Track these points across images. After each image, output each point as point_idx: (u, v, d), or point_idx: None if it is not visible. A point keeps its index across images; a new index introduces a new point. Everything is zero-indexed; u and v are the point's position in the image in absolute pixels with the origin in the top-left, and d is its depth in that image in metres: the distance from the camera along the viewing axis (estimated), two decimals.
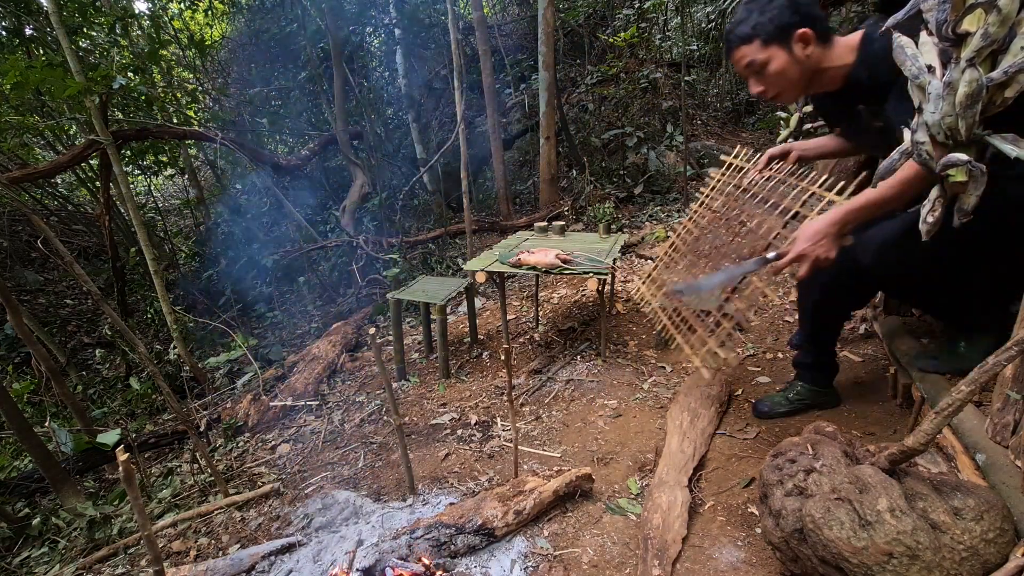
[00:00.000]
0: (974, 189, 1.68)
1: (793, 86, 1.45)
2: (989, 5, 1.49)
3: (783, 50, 1.39)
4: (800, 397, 2.03)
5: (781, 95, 1.48)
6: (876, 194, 1.29)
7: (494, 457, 2.16)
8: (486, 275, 2.82)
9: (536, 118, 6.63)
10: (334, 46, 6.13)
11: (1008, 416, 1.47)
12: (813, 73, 1.43)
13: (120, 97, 4.36)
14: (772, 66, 1.41)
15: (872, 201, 1.30)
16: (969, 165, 1.68)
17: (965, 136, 1.67)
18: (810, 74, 1.43)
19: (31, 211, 4.03)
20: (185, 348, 3.73)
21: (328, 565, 1.60)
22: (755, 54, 1.41)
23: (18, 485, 2.62)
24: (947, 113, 1.67)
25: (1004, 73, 1.53)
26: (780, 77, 1.42)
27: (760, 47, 1.40)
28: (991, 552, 1.07)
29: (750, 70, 1.43)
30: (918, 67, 1.75)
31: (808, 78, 1.44)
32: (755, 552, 1.46)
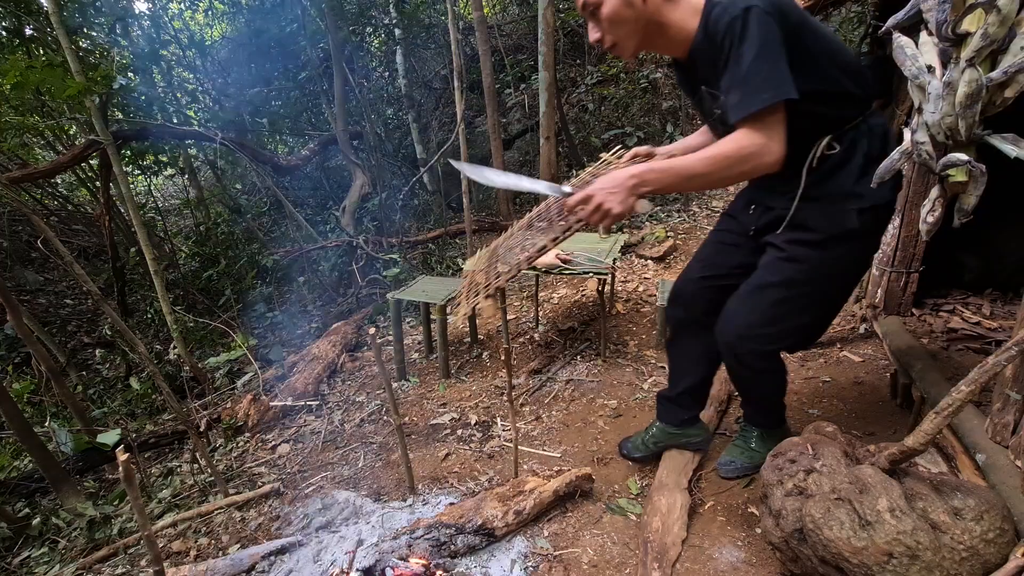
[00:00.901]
0: (974, 189, 1.68)
1: (629, 35, 1.30)
2: (989, 5, 1.49)
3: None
4: (656, 439, 1.86)
5: (618, 45, 1.33)
6: (683, 163, 1.21)
7: (494, 457, 2.16)
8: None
9: (536, 118, 6.62)
10: (334, 46, 6.12)
11: (1008, 416, 1.47)
12: (651, 25, 1.29)
13: (120, 97, 4.36)
14: (605, 7, 1.26)
15: (677, 168, 1.21)
16: (969, 165, 1.68)
17: (965, 136, 1.67)
18: (647, 25, 1.29)
19: (31, 211, 4.03)
20: (185, 348, 3.72)
21: (328, 565, 1.60)
22: None
23: (18, 485, 2.61)
24: (947, 113, 1.67)
25: (1004, 73, 1.53)
26: (614, 22, 1.28)
27: None
28: (991, 552, 1.07)
29: (587, 11, 1.31)
30: (918, 67, 1.75)
31: (645, 30, 1.29)
32: (755, 552, 1.46)
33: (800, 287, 1.38)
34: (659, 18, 1.28)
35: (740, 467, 1.72)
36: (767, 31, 1.13)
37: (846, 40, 5.71)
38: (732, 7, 1.16)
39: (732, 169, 1.19)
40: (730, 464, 1.73)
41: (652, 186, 1.21)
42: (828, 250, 1.35)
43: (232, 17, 7.66)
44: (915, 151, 1.84)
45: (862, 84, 1.34)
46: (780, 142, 1.18)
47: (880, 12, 2.39)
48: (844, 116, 1.32)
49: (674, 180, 1.22)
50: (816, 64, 1.24)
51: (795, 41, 1.18)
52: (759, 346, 1.43)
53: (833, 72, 1.27)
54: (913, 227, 2.31)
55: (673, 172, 1.21)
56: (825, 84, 1.26)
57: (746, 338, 1.42)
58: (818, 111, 1.29)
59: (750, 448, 1.72)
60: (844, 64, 1.30)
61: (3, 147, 5.32)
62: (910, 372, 2.01)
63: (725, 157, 1.18)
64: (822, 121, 1.31)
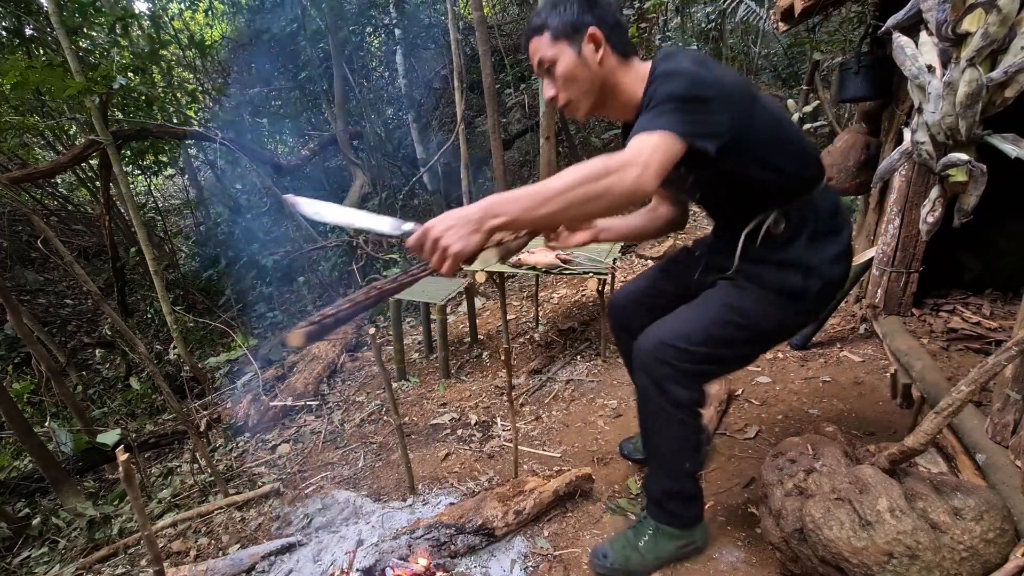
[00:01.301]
0: (974, 189, 1.68)
1: (584, 94, 1.27)
2: (989, 5, 1.49)
3: (572, 49, 1.23)
4: None
5: (572, 104, 1.29)
6: (535, 188, 1.03)
7: (494, 457, 2.16)
8: (486, 275, 2.82)
9: (536, 118, 6.62)
10: (334, 46, 6.13)
11: (1008, 416, 1.47)
12: (606, 87, 1.27)
13: (120, 97, 4.36)
14: (560, 66, 1.24)
15: (530, 189, 1.03)
16: (969, 165, 1.68)
17: (965, 136, 1.67)
18: (601, 85, 1.26)
19: (31, 211, 4.03)
20: (185, 348, 3.72)
21: (328, 565, 1.60)
22: (545, 49, 1.26)
23: (18, 485, 2.62)
24: (947, 113, 1.67)
25: (1004, 73, 1.53)
26: (569, 81, 1.25)
27: (550, 42, 1.24)
28: (991, 552, 1.07)
29: (541, 68, 1.28)
30: (918, 67, 1.75)
31: (600, 90, 1.27)
32: (755, 552, 1.46)
33: (736, 314, 1.30)
34: (612, 80, 1.26)
35: (609, 566, 1.43)
36: (697, 81, 1.08)
37: (846, 40, 5.71)
38: (668, 68, 1.14)
39: (591, 184, 1.00)
40: (603, 559, 1.44)
41: (503, 216, 0.99)
42: (771, 295, 1.30)
43: (232, 17, 7.67)
44: (915, 151, 1.85)
45: (809, 164, 1.31)
46: (654, 175, 1.02)
47: (880, 12, 2.39)
48: (790, 191, 1.28)
49: (528, 203, 1.01)
50: (760, 140, 1.20)
51: (738, 112, 1.13)
52: (677, 360, 1.29)
53: (776, 152, 1.24)
54: (913, 227, 2.31)
55: (526, 194, 1.02)
56: (770, 159, 1.23)
57: (667, 345, 1.29)
58: (759, 183, 1.26)
59: (636, 548, 1.42)
60: (789, 143, 1.27)
61: (3, 147, 5.32)
62: (910, 372, 2.01)
63: (587, 168, 1.02)
64: (766, 194, 1.28)
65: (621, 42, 1.26)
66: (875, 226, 2.62)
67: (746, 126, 1.15)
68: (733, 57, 7.97)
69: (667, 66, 1.15)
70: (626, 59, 1.27)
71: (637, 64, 1.29)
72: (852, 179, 2.72)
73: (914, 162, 1.98)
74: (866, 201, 2.85)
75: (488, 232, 1.00)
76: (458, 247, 0.98)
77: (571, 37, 1.23)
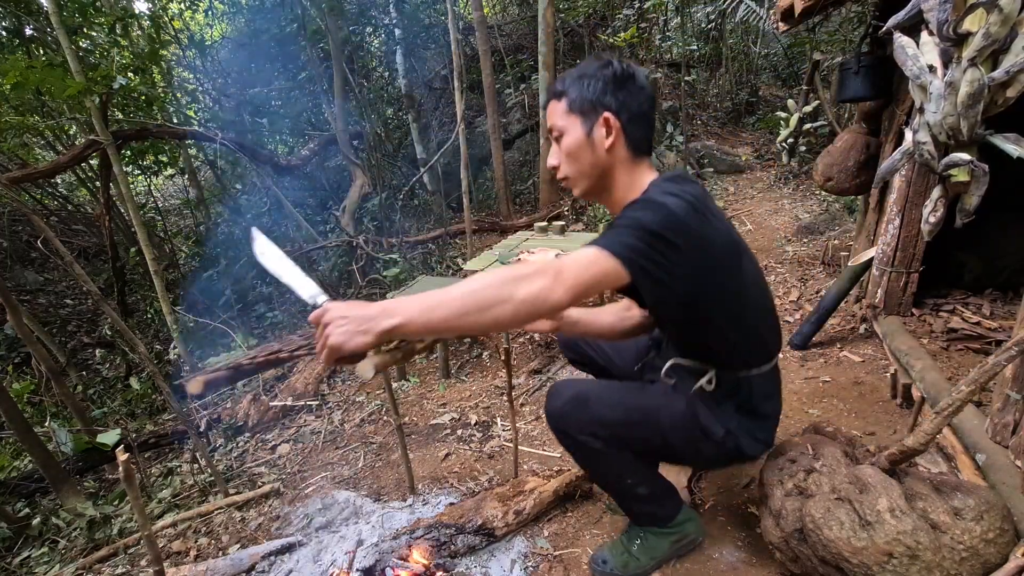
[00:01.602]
0: (976, 189, 1.68)
1: (582, 175, 1.20)
2: (990, 5, 1.49)
3: (584, 127, 1.15)
4: None
5: (570, 180, 1.23)
6: (441, 290, 0.95)
7: (494, 457, 2.16)
8: None
9: (536, 118, 6.63)
10: (334, 46, 6.12)
11: (1008, 416, 1.47)
12: (606, 177, 1.19)
13: (120, 97, 4.36)
14: (566, 139, 1.18)
15: (431, 296, 0.94)
16: (971, 165, 1.68)
17: (967, 136, 1.67)
18: (602, 173, 1.19)
19: (31, 211, 4.03)
20: (185, 348, 3.72)
21: (328, 565, 1.60)
22: (557, 117, 1.19)
23: (18, 485, 2.62)
24: (949, 113, 1.67)
25: (1006, 73, 1.53)
26: (572, 156, 1.19)
27: (565, 111, 1.18)
28: (991, 552, 1.07)
29: (552, 134, 1.22)
30: (919, 67, 1.75)
31: (599, 177, 1.19)
32: (755, 552, 1.46)
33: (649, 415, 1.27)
34: (615, 172, 1.19)
35: (609, 572, 1.43)
36: (673, 221, 1.00)
37: (846, 40, 5.71)
38: (654, 194, 1.06)
39: (497, 290, 0.93)
40: (602, 564, 1.45)
41: (398, 319, 0.91)
42: (692, 418, 1.25)
43: (232, 17, 7.67)
44: (916, 151, 1.85)
45: (758, 348, 1.24)
46: (567, 292, 0.95)
47: (880, 12, 2.38)
48: (729, 362, 1.23)
49: (427, 305, 0.93)
50: (717, 309, 1.14)
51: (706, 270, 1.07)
52: (576, 429, 1.29)
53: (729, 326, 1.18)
54: (913, 227, 2.31)
55: (429, 296, 0.94)
56: (718, 328, 1.18)
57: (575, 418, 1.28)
58: (702, 341, 1.22)
59: (631, 552, 1.43)
60: (747, 323, 1.20)
61: (3, 147, 5.32)
62: (910, 372, 2.01)
63: (500, 274, 0.96)
64: (707, 351, 1.24)
65: (639, 136, 1.17)
66: (875, 226, 2.62)
67: (708, 289, 1.10)
68: (733, 57, 7.97)
69: (659, 191, 1.07)
70: (637, 157, 1.19)
71: (644, 169, 1.20)
72: (852, 179, 2.72)
73: (914, 162, 1.98)
74: (866, 201, 2.85)
75: (379, 335, 0.91)
76: (337, 341, 0.89)
77: (586, 114, 1.16)
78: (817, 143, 5.13)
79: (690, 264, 1.04)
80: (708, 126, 7.50)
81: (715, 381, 1.23)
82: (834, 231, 4.17)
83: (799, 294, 3.27)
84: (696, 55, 7.52)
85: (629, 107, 1.14)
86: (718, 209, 1.13)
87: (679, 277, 1.04)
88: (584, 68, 1.17)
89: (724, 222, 1.13)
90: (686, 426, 1.24)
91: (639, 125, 1.17)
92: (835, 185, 2.79)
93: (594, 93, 1.14)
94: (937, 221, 1.86)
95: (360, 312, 0.92)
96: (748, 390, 1.24)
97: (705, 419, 1.23)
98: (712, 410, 1.24)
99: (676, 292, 1.08)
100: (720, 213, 1.13)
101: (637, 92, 1.15)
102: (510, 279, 0.95)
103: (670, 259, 1.01)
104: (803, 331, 2.62)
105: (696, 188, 1.09)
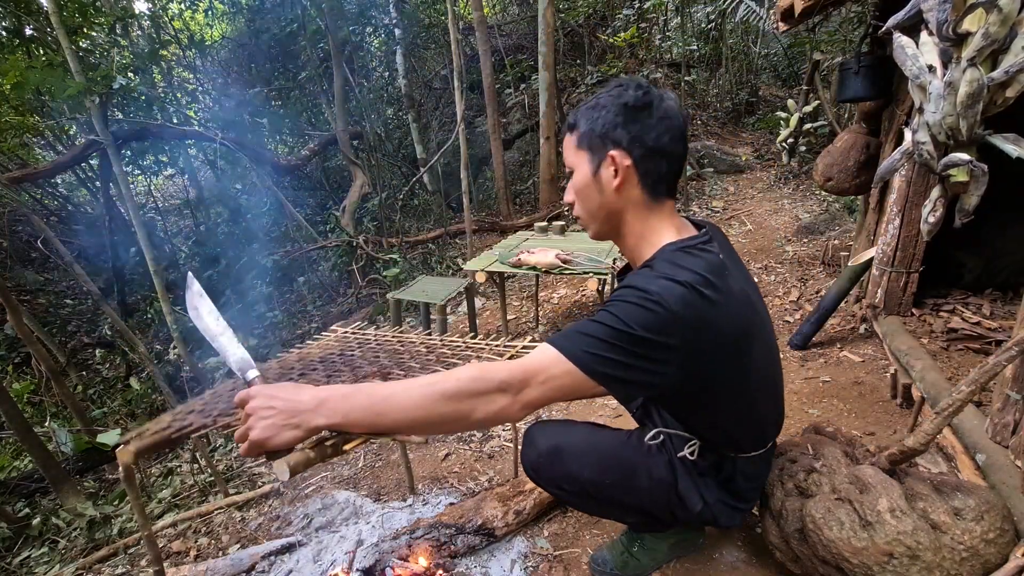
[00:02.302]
0: (975, 189, 1.68)
1: (592, 216, 1.07)
2: (990, 5, 1.49)
3: (591, 164, 1.02)
4: None
5: (581, 220, 1.10)
6: (386, 392, 0.86)
7: (494, 457, 2.16)
8: (486, 275, 2.82)
9: (536, 118, 6.63)
10: (334, 46, 6.13)
11: (1008, 416, 1.47)
12: (615, 217, 1.05)
13: (120, 97, 4.36)
14: (576, 176, 1.06)
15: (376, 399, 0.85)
16: (970, 165, 1.68)
17: (966, 136, 1.67)
18: (610, 215, 1.05)
19: (31, 211, 4.03)
20: (185, 348, 3.72)
21: (328, 565, 1.60)
22: (568, 153, 1.07)
23: (18, 485, 2.62)
24: (948, 113, 1.67)
25: (1005, 73, 1.53)
26: (580, 196, 1.06)
27: (575, 146, 1.05)
28: (991, 552, 1.07)
29: (567, 171, 1.09)
30: (918, 67, 1.75)
31: (608, 219, 1.06)
32: (755, 552, 1.46)
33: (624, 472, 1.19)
34: (623, 217, 1.04)
35: (609, 572, 1.41)
36: (660, 320, 0.87)
37: (846, 40, 5.71)
38: (648, 278, 0.92)
39: (461, 405, 0.86)
40: (602, 564, 1.43)
41: (335, 418, 0.83)
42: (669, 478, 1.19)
43: (232, 17, 7.67)
44: (916, 151, 1.85)
45: (752, 438, 1.15)
46: (531, 410, 0.90)
47: (880, 12, 2.38)
48: (717, 442, 1.15)
49: (370, 410, 0.84)
50: (712, 399, 1.04)
51: (701, 365, 0.94)
52: (547, 482, 1.26)
53: (723, 415, 1.08)
54: (913, 227, 2.31)
55: (372, 399, 0.85)
56: (710, 415, 1.09)
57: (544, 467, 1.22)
58: (689, 422, 1.15)
59: (631, 553, 1.40)
60: (743, 415, 1.10)
61: (3, 147, 5.32)
62: (910, 372, 2.01)
63: (453, 384, 0.86)
64: (695, 430, 1.16)
65: (655, 176, 1.00)
66: (875, 226, 2.62)
67: (702, 381, 0.97)
68: (733, 57, 7.97)
69: (660, 269, 0.93)
70: (654, 200, 1.02)
71: (664, 216, 1.03)
72: (852, 179, 2.73)
73: (914, 162, 1.98)
74: (866, 201, 2.85)
75: (310, 431, 0.82)
76: (261, 436, 0.80)
77: (594, 150, 1.01)
78: (817, 143, 5.13)
79: (684, 359, 0.91)
80: (708, 126, 7.50)
81: (697, 453, 1.15)
82: (834, 231, 4.18)
83: (799, 294, 3.27)
84: (696, 55, 7.52)
85: (643, 142, 0.98)
86: (739, 280, 0.99)
87: (668, 374, 0.92)
88: (599, 95, 1.03)
89: (739, 301, 0.97)
90: (665, 493, 1.17)
91: (656, 163, 0.99)
92: (835, 185, 2.79)
93: (603, 126, 1.00)
94: (936, 221, 1.86)
95: (290, 403, 0.82)
96: (733, 468, 1.16)
97: (684, 488, 1.15)
98: (693, 480, 1.15)
99: (662, 385, 0.95)
100: (738, 287, 0.97)
101: (655, 124, 0.98)
102: (470, 394, 0.86)
103: (656, 359, 0.89)
104: (803, 331, 2.63)
105: (708, 262, 0.95)
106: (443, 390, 0.85)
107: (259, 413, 0.81)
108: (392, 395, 0.85)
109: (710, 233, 1.05)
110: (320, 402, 0.83)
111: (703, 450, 1.15)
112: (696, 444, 1.15)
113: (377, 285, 5.02)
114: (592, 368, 0.87)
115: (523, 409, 0.89)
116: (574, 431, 1.26)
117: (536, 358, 0.89)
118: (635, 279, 0.93)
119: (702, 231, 1.05)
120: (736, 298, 0.95)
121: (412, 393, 0.85)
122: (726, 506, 1.18)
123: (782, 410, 1.23)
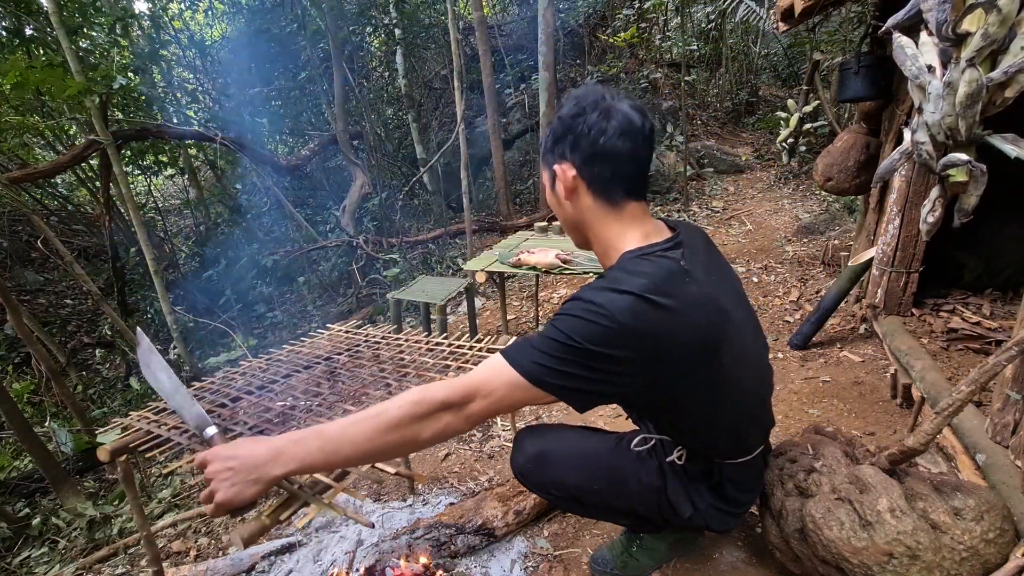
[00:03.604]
0: (974, 189, 1.68)
1: (565, 227, 1.08)
2: (989, 5, 1.49)
3: (548, 180, 1.03)
4: None
5: (564, 230, 1.11)
6: (336, 431, 0.87)
7: (494, 457, 2.16)
8: (486, 275, 2.82)
9: (536, 118, 6.63)
10: (334, 46, 6.13)
11: (1008, 416, 1.47)
12: (580, 228, 1.04)
13: (120, 97, 4.37)
14: (547, 192, 1.07)
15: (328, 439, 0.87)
16: (969, 165, 1.68)
17: (965, 136, 1.67)
18: (575, 226, 1.04)
19: (31, 211, 4.04)
20: (185, 348, 3.73)
21: (328, 565, 1.60)
22: (544, 170, 1.07)
23: (18, 485, 2.62)
24: (947, 113, 1.67)
25: (1004, 73, 1.53)
26: (553, 210, 1.07)
27: (542, 165, 1.06)
28: (991, 552, 1.07)
29: None
30: (918, 67, 1.75)
31: (575, 231, 1.06)
32: (755, 552, 1.46)
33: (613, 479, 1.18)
34: (586, 225, 1.02)
35: (609, 572, 1.40)
36: (609, 333, 0.85)
37: (846, 40, 5.71)
38: (595, 289, 0.90)
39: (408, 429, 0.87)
40: (602, 564, 1.43)
41: (292, 465, 0.85)
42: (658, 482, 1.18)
43: (232, 17, 7.67)
44: (915, 151, 1.85)
45: (734, 444, 1.12)
46: (478, 422, 0.91)
47: (880, 12, 2.39)
48: (701, 449, 1.13)
49: (329, 447, 0.86)
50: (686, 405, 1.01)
51: (664, 372, 0.91)
52: (536, 486, 1.26)
53: (699, 423, 1.06)
54: (913, 227, 2.31)
55: (331, 436, 0.87)
56: (687, 423, 1.07)
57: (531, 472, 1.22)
58: (669, 430, 1.14)
59: (631, 553, 1.39)
60: (720, 422, 1.06)
61: (3, 147, 5.32)
62: (910, 372, 2.01)
63: (408, 406, 0.87)
64: (680, 436, 1.14)
65: (604, 178, 0.96)
66: (875, 226, 2.62)
67: (665, 390, 0.95)
68: (733, 57, 7.98)
69: (613, 278, 0.91)
70: (611, 203, 0.98)
71: (625, 218, 0.99)
72: (852, 179, 2.73)
73: (914, 162, 1.98)
74: (866, 201, 2.85)
75: (270, 483, 0.85)
76: (226, 497, 0.82)
77: (548, 166, 1.02)
78: (817, 143, 5.13)
79: (640, 368, 0.89)
80: (708, 126, 7.50)
81: (686, 458, 1.13)
82: (834, 231, 4.18)
83: (799, 294, 3.27)
84: (696, 55, 7.52)
85: (581, 148, 0.95)
86: (706, 286, 0.94)
87: (623, 384, 0.90)
88: (571, 102, 1.00)
89: (702, 307, 0.91)
90: (654, 497, 1.16)
91: (600, 166, 0.95)
92: (835, 185, 2.79)
93: (550, 142, 1.00)
94: (935, 221, 1.86)
95: (247, 460, 0.84)
96: (720, 473, 1.14)
97: (673, 495, 1.14)
98: (683, 485, 1.14)
99: (618, 395, 0.95)
100: (702, 292, 0.92)
101: (593, 125, 0.94)
102: (413, 419, 0.87)
103: (608, 370, 0.87)
104: (803, 331, 2.63)
105: (664, 268, 0.91)
106: (388, 420, 0.87)
107: (219, 476, 0.84)
108: (342, 433, 0.87)
109: (680, 237, 1.00)
110: (276, 453, 0.85)
111: (691, 455, 1.13)
112: (684, 449, 1.14)
113: (377, 285, 5.02)
114: (541, 380, 0.87)
115: (470, 422, 0.90)
116: (562, 436, 1.25)
117: (482, 372, 0.91)
118: (584, 290, 0.91)
119: (672, 235, 1.01)
120: (697, 304, 0.91)
121: (360, 427, 0.87)
122: (718, 511, 1.16)
123: (769, 417, 1.21)
